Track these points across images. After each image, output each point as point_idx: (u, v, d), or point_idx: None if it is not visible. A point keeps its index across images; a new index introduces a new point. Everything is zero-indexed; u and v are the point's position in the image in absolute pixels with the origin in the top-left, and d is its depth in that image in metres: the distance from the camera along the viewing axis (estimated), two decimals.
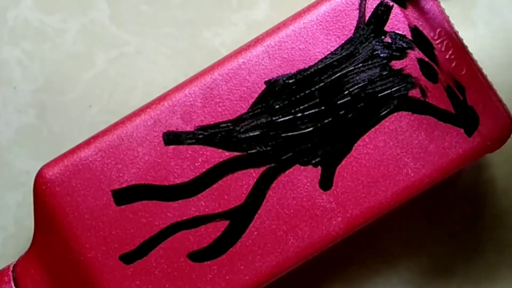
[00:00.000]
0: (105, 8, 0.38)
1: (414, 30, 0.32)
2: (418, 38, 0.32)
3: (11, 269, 0.32)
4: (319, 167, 0.31)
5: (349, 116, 0.31)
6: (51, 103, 0.38)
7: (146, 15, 0.38)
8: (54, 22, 0.38)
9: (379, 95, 0.31)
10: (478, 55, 0.32)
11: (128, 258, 0.31)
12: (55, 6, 0.38)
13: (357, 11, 0.32)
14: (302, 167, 0.31)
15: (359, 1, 0.32)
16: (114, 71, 0.38)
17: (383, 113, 0.31)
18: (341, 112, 0.31)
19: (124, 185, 0.31)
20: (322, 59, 0.32)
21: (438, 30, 0.32)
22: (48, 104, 0.38)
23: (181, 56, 0.38)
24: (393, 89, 0.31)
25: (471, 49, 0.32)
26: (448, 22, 0.32)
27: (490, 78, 0.32)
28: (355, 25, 0.32)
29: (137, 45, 0.38)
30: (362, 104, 0.31)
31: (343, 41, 0.32)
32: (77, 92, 0.38)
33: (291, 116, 0.31)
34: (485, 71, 0.32)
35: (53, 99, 0.38)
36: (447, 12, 0.32)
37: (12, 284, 0.32)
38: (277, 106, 0.31)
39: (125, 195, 0.31)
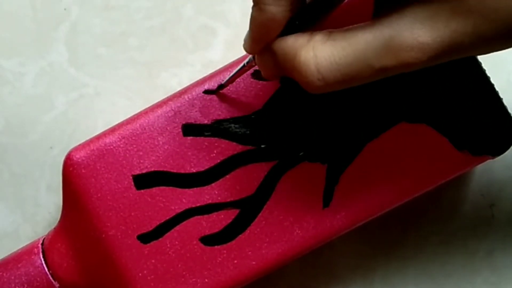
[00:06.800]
0: (63, 51, 0.39)
1: None
2: None
3: (40, 242, 0.35)
4: (326, 165, 0.33)
5: (362, 121, 0.33)
6: (12, 146, 0.39)
7: (104, 58, 0.39)
8: (13, 66, 0.39)
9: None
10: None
11: (145, 238, 0.33)
12: (13, 50, 0.39)
13: None
14: (310, 164, 0.33)
15: None
16: (73, 112, 0.39)
17: (394, 122, 0.33)
18: (353, 117, 0.33)
19: (144, 171, 0.33)
20: None
21: None
22: (9, 146, 0.39)
23: (140, 96, 0.39)
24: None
25: None
26: None
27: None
28: None
29: (96, 86, 0.39)
30: (375, 112, 0.33)
31: None
32: (37, 134, 0.39)
33: (303, 116, 0.33)
34: None
35: (14, 142, 0.39)
36: None
37: (41, 255, 0.34)
38: (290, 105, 0.33)
39: (145, 180, 0.33)
